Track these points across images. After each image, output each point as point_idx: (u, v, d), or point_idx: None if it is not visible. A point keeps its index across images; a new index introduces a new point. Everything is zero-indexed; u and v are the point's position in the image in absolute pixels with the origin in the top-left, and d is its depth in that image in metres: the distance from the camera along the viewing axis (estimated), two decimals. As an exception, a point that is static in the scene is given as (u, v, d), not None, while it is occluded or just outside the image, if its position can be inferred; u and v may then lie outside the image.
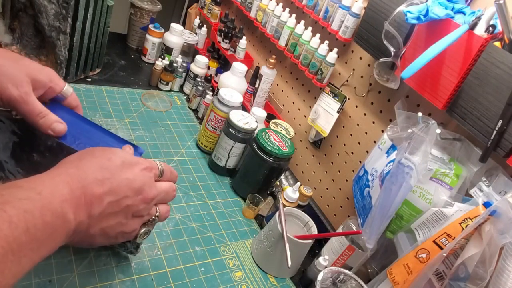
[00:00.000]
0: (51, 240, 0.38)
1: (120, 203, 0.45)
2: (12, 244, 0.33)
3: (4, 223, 0.33)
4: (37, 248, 0.36)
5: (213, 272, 0.71)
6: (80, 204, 0.41)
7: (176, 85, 1.19)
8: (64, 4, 0.86)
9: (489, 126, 0.57)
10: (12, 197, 0.35)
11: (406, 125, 0.68)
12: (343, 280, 0.68)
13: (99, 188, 0.43)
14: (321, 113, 0.92)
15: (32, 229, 0.35)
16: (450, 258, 0.60)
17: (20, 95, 0.48)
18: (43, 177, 0.41)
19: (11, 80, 0.48)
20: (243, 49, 1.16)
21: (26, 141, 0.52)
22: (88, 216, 0.42)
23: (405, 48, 0.69)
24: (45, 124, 0.50)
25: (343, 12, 0.84)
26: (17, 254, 0.34)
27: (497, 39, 0.58)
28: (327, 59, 0.89)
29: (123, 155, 0.47)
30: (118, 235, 0.47)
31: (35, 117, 0.49)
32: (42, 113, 0.50)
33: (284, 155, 0.85)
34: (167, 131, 1.01)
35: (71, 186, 0.41)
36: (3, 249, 0.32)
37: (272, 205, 0.91)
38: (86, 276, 0.60)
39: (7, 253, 0.32)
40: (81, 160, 0.44)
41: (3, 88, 0.47)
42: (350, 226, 0.77)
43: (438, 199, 0.63)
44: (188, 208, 0.82)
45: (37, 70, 0.51)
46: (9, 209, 0.34)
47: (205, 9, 1.35)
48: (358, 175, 0.79)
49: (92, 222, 0.43)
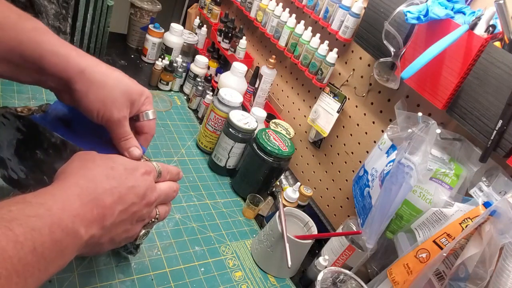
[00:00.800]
0: (60, 257, 0.37)
1: (128, 210, 0.45)
2: (17, 265, 0.32)
3: (9, 243, 0.32)
4: (45, 267, 0.35)
5: (213, 272, 0.71)
6: (92, 217, 0.40)
7: (176, 85, 1.19)
8: (64, 4, 0.86)
9: (489, 126, 0.57)
10: (20, 214, 0.34)
11: (406, 125, 0.68)
12: (343, 280, 0.68)
13: (109, 198, 0.42)
14: (321, 113, 0.92)
15: (39, 248, 0.34)
16: (450, 258, 0.60)
17: (119, 119, 0.49)
18: (53, 190, 0.39)
19: (115, 103, 0.48)
20: (243, 49, 1.16)
21: (30, 138, 0.52)
22: (101, 228, 0.42)
23: (405, 48, 0.69)
24: (125, 146, 0.51)
25: (343, 12, 0.84)
26: (23, 275, 0.32)
27: (497, 39, 0.58)
28: (327, 59, 0.89)
29: (123, 162, 0.47)
30: (122, 240, 0.47)
31: (120, 138, 0.50)
32: (127, 136, 0.51)
33: (284, 155, 0.85)
34: (167, 131, 1.01)
35: (82, 199, 0.40)
36: (6, 271, 0.31)
37: (272, 205, 0.91)
38: (86, 276, 0.60)
39: (11, 275, 0.31)
40: (87, 169, 0.43)
41: (108, 111, 0.48)
42: (350, 226, 0.77)
43: (438, 199, 0.63)
44: (188, 208, 0.82)
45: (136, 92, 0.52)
46: (16, 227, 0.33)
47: (205, 9, 1.35)
48: (358, 175, 0.79)
49: (103, 233, 0.42)
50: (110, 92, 0.48)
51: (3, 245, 0.31)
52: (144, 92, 0.54)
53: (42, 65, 0.45)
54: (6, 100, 0.84)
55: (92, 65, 0.48)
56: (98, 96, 0.47)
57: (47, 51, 0.45)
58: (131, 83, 0.52)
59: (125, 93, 0.50)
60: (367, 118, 0.85)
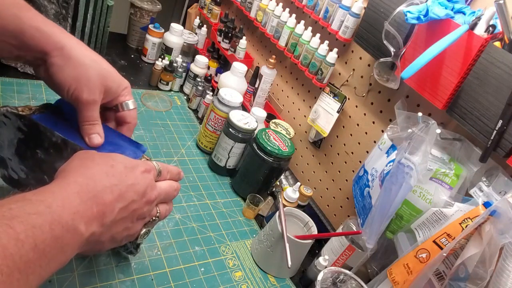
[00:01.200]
0: (61, 254, 0.37)
1: (128, 208, 0.45)
2: (18, 262, 0.32)
3: (10, 240, 0.32)
4: (46, 264, 0.35)
5: (213, 272, 0.71)
6: (92, 214, 0.40)
7: (176, 85, 1.19)
8: (64, 4, 0.86)
9: (489, 126, 0.57)
10: (21, 211, 0.34)
11: (406, 125, 0.68)
12: (343, 280, 0.68)
13: (109, 195, 0.42)
14: (321, 113, 0.92)
15: (40, 245, 0.34)
16: (450, 258, 0.60)
17: (88, 100, 0.49)
18: (52, 188, 0.40)
19: (88, 85, 0.48)
20: (243, 49, 1.16)
21: (31, 137, 0.52)
22: (101, 225, 0.42)
23: (405, 48, 0.69)
24: (87, 131, 0.50)
25: (343, 12, 0.84)
26: (24, 272, 0.33)
27: (497, 39, 0.58)
28: (327, 59, 0.89)
29: (122, 160, 0.47)
30: (123, 238, 0.47)
31: (84, 121, 0.50)
32: (92, 121, 0.50)
33: (284, 155, 0.85)
34: (167, 131, 1.01)
35: (82, 197, 0.40)
36: (8, 268, 0.31)
37: (272, 205, 0.91)
38: (86, 276, 0.60)
39: (12, 272, 0.32)
40: (86, 167, 0.44)
41: (79, 89, 0.48)
42: (350, 226, 0.77)
43: (438, 199, 0.63)
44: (188, 208, 0.82)
45: (113, 79, 0.52)
46: (17, 225, 0.33)
47: (205, 9, 1.35)
48: (358, 175, 0.79)
49: (104, 231, 0.42)
50: (86, 71, 0.48)
51: (4, 242, 0.32)
52: (123, 82, 0.54)
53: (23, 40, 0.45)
54: (6, 100, 0.84)
55: (72, 43, 0.48)
56: (72, 72, 0.48)
57: (30, 26, 0.45)
58: (110, 70, 0.52)
59: (101, 77, 0.50)
60: (367, 118, 0.85)
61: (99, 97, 0.50)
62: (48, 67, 0.47)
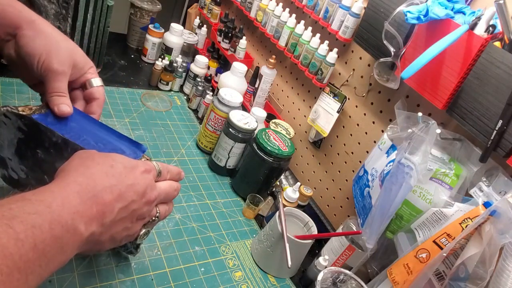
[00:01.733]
0: (61, 254, 0.37)
1: (128, 208, 0.45)
2: (18, 262, 0.32)
3: (10, 240, 0.32)
4: (46, 264, 0.35)
5: (213, 272, 0.71)
6: (91, 214, 0.40)
7: (176, 85, 1.19)
8: (64, 4, 0.86)
9: (489, 126, 0.57)
10: (20, 211, 0.35)
11: (406, 125, 0.68)
12: (343, 280, 0.68)
13: (109, 195, 0.42)
14: (321, 113, 0.92)
15: (40, 244, 0.34)
16: (450, 258, 0.60)
17: (58, 70, 0.50)
18: (52, 187, 0.40)
19: (58, 56, 0.50)
20: (243, 49, 1.16)
21: (31, 137, 0.52)
22: (100, 225, 0.42)
23: (405, 48, 0.69)
24: (55, 101, 0.51)
25: (343, 12, 0.84)
26: (24, 272, 0.33)
27: (497, 39, 0.58)
28: (327, 59, 0.89)
29: (122, 160, 0.47)
30: (123, 238, 0.47)
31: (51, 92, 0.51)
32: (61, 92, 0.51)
33: (284, 155, 0.86)
34: (167, 131, 1.01)
35: (82, 197, 0.40)
36: (8, 268, 0.31)
37: (272, 205, 0.91)
38: (86, 276, 0.60)
39: (12, 272, 0.32)
40: (86, 167, 0.44)
41: (48, 61, 0.50)
42: (350, 226, 0.77)
43: (438, 199, 0.63)
44: (188, 208, 0.82)
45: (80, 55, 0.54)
46: (17, 225, 0.33)
47: (205, 9, 1.35)
48: (358, 175, 0.79)
49: (103, 231, 0.43)
50: (57, 44, 0.51)
51: (4, 242, 0.32)
52: (88, 61, 0.56)
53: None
54: (6, 100, 0.84)
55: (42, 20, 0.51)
56: (44, 44, 0.50)
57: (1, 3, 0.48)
58: (77, 48, 0.54)
59: (70, 52, 0.52)
60: (367, 118, 0.85)
61: (68, 69, 0.52)
62: (19, 39, 0.49)
